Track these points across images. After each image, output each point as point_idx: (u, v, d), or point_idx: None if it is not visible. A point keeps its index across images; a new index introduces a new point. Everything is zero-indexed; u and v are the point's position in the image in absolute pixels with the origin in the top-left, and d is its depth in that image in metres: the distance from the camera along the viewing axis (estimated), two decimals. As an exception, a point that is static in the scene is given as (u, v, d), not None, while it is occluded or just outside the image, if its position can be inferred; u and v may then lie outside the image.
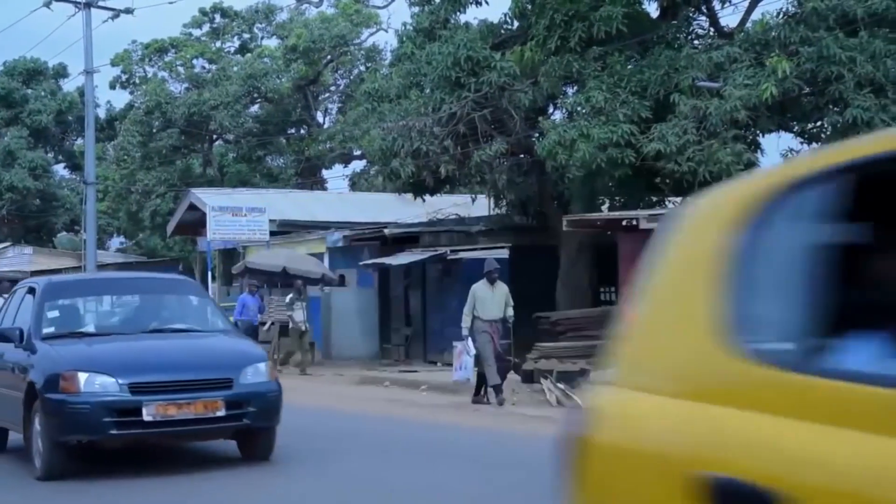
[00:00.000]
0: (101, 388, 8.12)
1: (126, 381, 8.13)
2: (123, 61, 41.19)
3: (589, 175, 16.01)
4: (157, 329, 9.30)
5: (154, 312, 9.75)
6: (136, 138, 38.35)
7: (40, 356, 8.68)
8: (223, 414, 8.32)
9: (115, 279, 11.39)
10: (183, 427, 8.31)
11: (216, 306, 10.17)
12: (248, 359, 8.77)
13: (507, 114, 17.63)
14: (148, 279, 11.46)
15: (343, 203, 30.21)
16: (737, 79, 14.76)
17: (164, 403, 8.13)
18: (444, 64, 17.27)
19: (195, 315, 9.70)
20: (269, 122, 38.49)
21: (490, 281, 13.70)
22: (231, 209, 24.06)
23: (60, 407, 8.14)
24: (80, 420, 8.09)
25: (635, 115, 15.48)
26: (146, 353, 8.67)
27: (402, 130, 17.96)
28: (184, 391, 8.23)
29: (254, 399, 8.45)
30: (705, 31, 18.22)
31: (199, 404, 8.23)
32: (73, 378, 8.15)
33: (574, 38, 16.14)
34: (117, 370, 8.20)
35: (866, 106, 14.28)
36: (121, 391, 8.11)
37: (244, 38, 42.11)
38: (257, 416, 8.49)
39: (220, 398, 8.30)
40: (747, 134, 15.56)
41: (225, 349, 9.00)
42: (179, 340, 9.10)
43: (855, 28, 14.72)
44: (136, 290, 10.24)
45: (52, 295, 9.51)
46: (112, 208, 43.60)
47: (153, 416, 8.09)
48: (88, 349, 8.64)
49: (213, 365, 8.56)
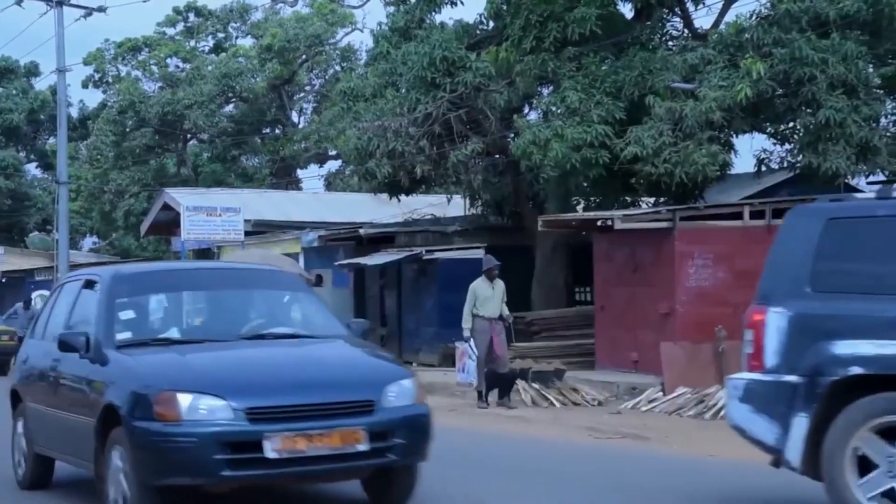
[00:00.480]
0: (209, 415, 6.12)
1: (242, 406, 6.13)
2: (96, 60, 40.90)
3: (563, 175, 16.06)
4: (259, 334, 7.26)
5: (250, 313, 7.69)
6: (110, 137, 38.09)
7: (119, 370, 6.69)
8: (365, 448, 6.30)
9: (200, 270, 8.78)
10: (314, 466, 6.29)
11: (322, 304, 8.02)
12: (390, 374, 6.78)
13: (483, 114, 17.66)
14: (238, 270, 8.88)
15: (318, 203, 30.13)
16: (711, 80, 14.85)
17: (292, 435, 6.14)
18: (419, 64, 17.27)
19: (301, 316, 7.69)
20: (244, 122, 38.33)
21: (489, 278, 13.64)
22: (205, 209, 23.93)
23: (155, 440, 6.14)
24: (183, 458, 6.10)
25: (610, 116, 15.55)
26: (260, 368, 6.64)
27: (378, 130, 17.95)
28: (315, 418, 6.24)
29: (401, 428, 6.46)
30: (679, 32, 18.32)
31: (335, 436, 6.25)
32: (172, 401, 6.14)
33: (549, 38, 16.19)
34: (228, 390, 6.20)
35: (839, 107, 14.40)
36: (235, 419, 6.11)
37: (218, 38, 41.91)
38: (405, 451, 6.49)
39: (362, 427, 6.31)
40: (721, 135, 15.66)
41: (357, 362, 7.00)
42: (294, 349, 7.05)
43: (827, 30, 14.84)
44: (226, 283, 7.94)
45: (124, 290, 7.40)
46: (85, 208, 43.29)
47: (278, 452, 6.10)
48: (183, 361, 6.58)
49: (348, 383, 6.54)
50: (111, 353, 6.83)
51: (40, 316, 8.62)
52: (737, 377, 6.73)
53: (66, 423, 7.26)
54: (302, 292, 7.96)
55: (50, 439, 7.78)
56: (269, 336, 7.25)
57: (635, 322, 14.90)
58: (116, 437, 6.45)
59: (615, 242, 15.40)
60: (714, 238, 14.47)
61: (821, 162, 14.60)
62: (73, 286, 8.10)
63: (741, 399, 6.59)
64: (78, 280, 8.14)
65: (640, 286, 14.90)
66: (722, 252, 14.36)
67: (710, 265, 14.38)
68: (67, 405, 7.27)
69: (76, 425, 7.05)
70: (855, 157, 14.85)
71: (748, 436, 6.60)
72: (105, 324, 7.07)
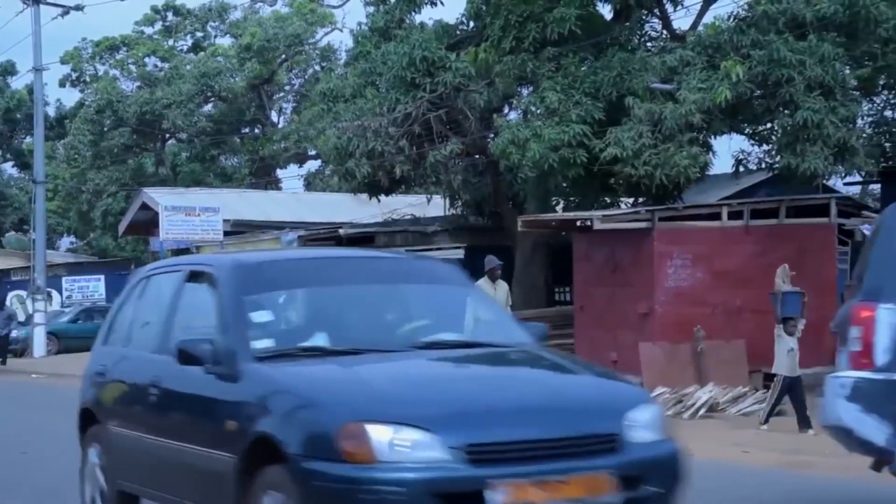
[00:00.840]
0: (414, 454, 4.51)
1: (458, 442, 4.52)
2: (73, 59, 40.70)
3: (542, 175, 16.09)
4: (435, 343, 5.56)
5: (410, 314, 6.01)
6: (87, 137, 37.91)
7: (268, 389, 5.04)
8: (616, 500, 4.67)
9: (340, 259, 6.67)
10: None
11: (491, 300, 6.68)
12: (629, 397, 5.07)
13: (463, 114, 17.68)
14: (388, 260, 7.07)
15: (298, 203, 30.08)
16: (690, 82, 14.91)
17: (524, 483, 4.54)
18: (399, 64, 17.26)
19: (474, 317, 6.04)
20: (223, 122, 38.23)
21: (492, 279, 13.57)
22: (184, 209, 23.85)
23: (342, 488, 4.52)
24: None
25: (589, 117, 15.59)
26: (463, 389, 4.97)
27: (358, 130, 17.92)
28: (549, 458, 4.61)
29: (653, 471, 4.80)
30: (658, 33, 18.39)
31: (578, 483, 4.60)
32: (363, 435, 4.53)
33: (528, 38, 16.22)
34: (436, 421, 4.58)
35: (816, 108, 14.49)
36: (452, 459, 4.50)
37: (197, 37, 41.78)
38: (660, 501, 4.83)
39: (609, 470, 4.66)
40: (700, 136, 15.73)
41: (582, 380, 5.29)
42: (493, 364, 5.46)
43: (804, 31, 14.93)
44: (375, 276, 6.13)
45: (253, 285, 5.72)
46: (62, 208, 43.07)
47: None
48: (360, 379, 4.95)
49: (582, 409, 4.88)
50: (251, 367, 5.17)
51: (114, 319, 6.96)
52: (842, 375, 6.38)
53: (178, 455, 5.59)
54: (468, 287, 6.34)
55: (146, 475, 6.07)
56: (449, 345, 5.55)
57: (615, 322, 14.94)
58: (271, 479, 4.79)
59: (594, 243, 15.44)
60: (693, 238, 14.53)
61: (799, 163, 14.68)
62: (167, 280, 6.42)
63: (848, 398, 6.24)
64: (173, 272, 6.46)
65: (619, 286, 14.94)
66: (700, 252, 14.42)
67: (688, 265, 14.44)
68: (180, 432, 5.61)
69: (196, 460, 5.41)
70: (833, 158, 14.95)
71: (854, 437, 6.29)
72: (237, 328, 5.38)
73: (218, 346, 5.33)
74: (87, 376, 7.00)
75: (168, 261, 7.27)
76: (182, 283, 6.17)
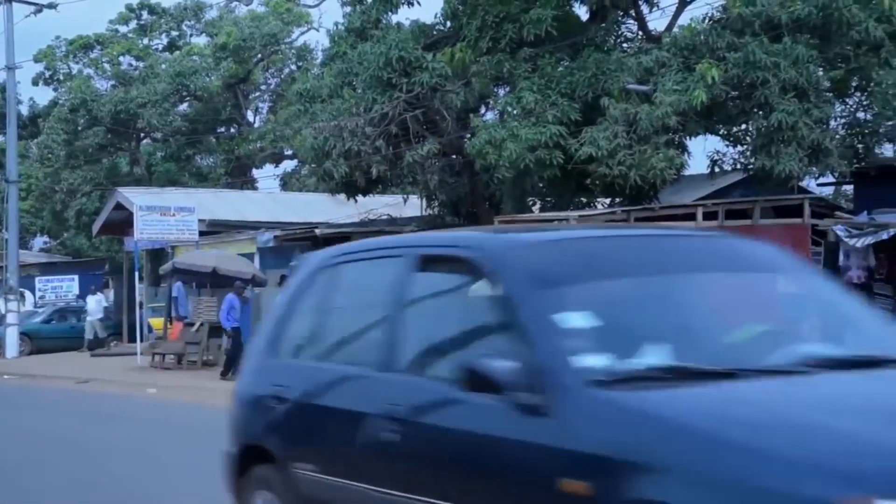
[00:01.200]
0: None
1: None
2: (47, 57, 40.37)
3: (518, 175, 16.13)
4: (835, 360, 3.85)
5: (767, 315, 4.38)
6: (61, 136, 37.60)
7: (645, 433, 3.36)
8: None
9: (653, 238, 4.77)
10: None
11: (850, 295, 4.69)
12: None
13: (439, 114, 17.69)
14: (715, 240, 4.92)
15: (274, 203, 29.98)
16: (666, 84, 14.98)
17: None
18: (375, 64, 17.25)
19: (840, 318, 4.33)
20: (199, 121, 38.02)
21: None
22: (159, 209, 23.70)
23: None
24: None
25: (564, 117, 15.65)
26: None
27: (334, 130, 17.89)
28: None
29: None
30: (634, 34, 18.48)
31: None
32: None
33: (505, 39, 16.26)
34: None
35: (790, 110, 14.61)
36: None
37: (172, 36, 41.53)
38: None
39: None
40: (675, 137, 15.82)
41: None
42: None
43: (779, 34, 15.04)
44: (702, 263, 4.40)
45: (555, 276, 4.05)
46: (36, 207, 42.69)
47: None
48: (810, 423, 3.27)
49: None
50: (587, 396, 3.55)
51: (282, 322, 5.24)
52: None
53: None
54: (817, 276, 4.69)
55: None
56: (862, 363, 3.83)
57: (591, 322, 14.98)
58: None
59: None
60: (668, 239, 14.58)
61: (774, 164, 14.79)
62: (375, 270, 4.81)
63: None
64: (383, 257, 4.81)
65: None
66: (676, 252, 14.48)
67: (664, 265, 14.49)
68: (448, 490, 3.89)
69: None
70: (807, 159, 15.07)
71: None
72: (547, 339, 3.76)
73: (529, 366, 3.67)
74: (249, 400, 5.22)
75: (363, 244, 5.40)
76: (409, 274, 4.46)
